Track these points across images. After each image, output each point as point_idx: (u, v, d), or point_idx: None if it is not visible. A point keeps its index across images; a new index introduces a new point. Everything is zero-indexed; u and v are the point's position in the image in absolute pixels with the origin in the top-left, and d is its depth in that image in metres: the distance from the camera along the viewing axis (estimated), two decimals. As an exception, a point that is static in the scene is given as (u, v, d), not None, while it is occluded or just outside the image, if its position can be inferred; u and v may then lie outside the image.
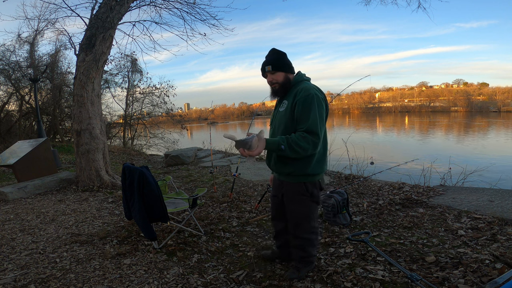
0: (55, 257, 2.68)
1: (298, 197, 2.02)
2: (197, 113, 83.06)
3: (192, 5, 6.09)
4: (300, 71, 2.07)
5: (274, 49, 2.05)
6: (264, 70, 2.02)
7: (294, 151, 1.78)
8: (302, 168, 1.93)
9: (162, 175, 6.30)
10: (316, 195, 2.03)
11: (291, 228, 2.13)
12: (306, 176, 1.96)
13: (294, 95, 1.90)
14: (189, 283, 2.18)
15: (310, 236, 2.11)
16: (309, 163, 1.93)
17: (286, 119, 1.93)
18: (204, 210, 3.81)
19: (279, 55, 2.02)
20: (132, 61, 13.72)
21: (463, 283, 1.91)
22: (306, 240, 2.11)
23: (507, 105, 50.93)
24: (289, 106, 1.92)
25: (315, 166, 1.95)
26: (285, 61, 2.01)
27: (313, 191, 2.00)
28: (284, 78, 1.99)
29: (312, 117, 1.80)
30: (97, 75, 5.36)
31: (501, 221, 2.81)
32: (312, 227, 2.09)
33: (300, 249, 2.14)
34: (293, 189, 2.02)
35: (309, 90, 1.85)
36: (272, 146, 1.80)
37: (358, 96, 78.17)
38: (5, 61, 11.61)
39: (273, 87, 2.03)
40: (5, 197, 4.78)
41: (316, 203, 2.05)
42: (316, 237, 2.14)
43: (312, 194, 2.01)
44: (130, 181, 2.61)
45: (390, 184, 4.57)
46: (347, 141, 6.10)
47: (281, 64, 1.99)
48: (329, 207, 3.11)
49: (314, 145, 1.81)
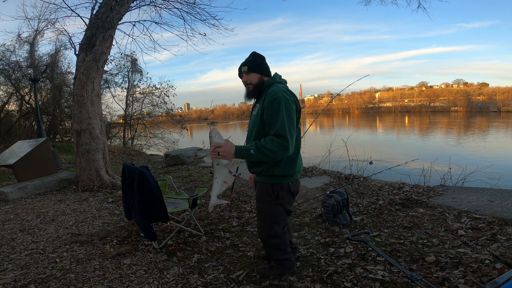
0: (55, 257, 2.68)
1: (264, 197, 2.00)
2: (197, 113, 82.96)
3: (192, 5, 6.10)
4: (277, 73, 2.07)
5: (254, 52, 2.08)
6: (240, 70, 2.04)
7: (265, 155, 1.76)
8: (270, 169, 1.91)
9: (162, 175, 6.30)
10: (282, 198, 1.95)
11: (257, 227, 2.16)
12: (274, 177, 1.93)
13: (264, 99, 1.90)
14: (189, 283, 2.18)
15: (272, 241, 2.07)
16: (278, 164, 1.90)
17: (258, 123, 1.92)
18: (204, 210, 3.81)
19: (257, 58, 2.04)
20: (132, 61, 13.73)
21: (463, 283, 1.91)
22: (267, 242, 2.10)
23: (507, 105, 50.88)
24: (260, 110, 1.92)
25: (285, 168, 1.91)
26: (261, 63, 2.01)
27: (279, 193, 1.95)
28: (258, 80, 1.98)
29: (280, 120, 1.76)
30: (97, 75, 5.36)
31: (501, 221, 2.81)
32: (274, 231, 2.02)
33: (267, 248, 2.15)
34: (261, 188, 2.01)
35: (277, 93, 1.82)
36: (241, 152, 1.80)
37: (358, 96, 78.17)
38: (5, 61, 11.63)
39: (247, 87, 2.02)
40: (5, 197, 4.78)
41: (281, 206, 1.98)
42: (280, 241, 2.07)
43: (277, 197, 1.95)
44: (130, 181, 2.61)
45: (390, 184, 4.57)
46: (347, 141, 6.10)
47: (257, 65, 1.99)
48: (329, 207, 3.11)
49: (283, 148, 1.76)
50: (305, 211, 3.61)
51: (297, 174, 2.00)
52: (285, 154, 1.80)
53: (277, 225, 2.02)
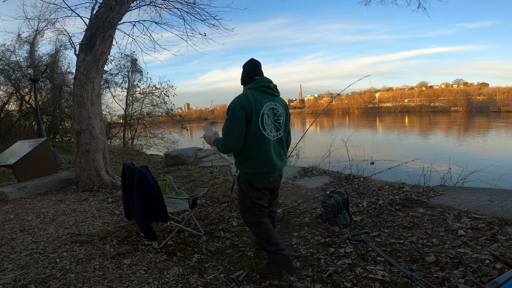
0: (55, 257, 2.68)
1: (238, 188, 2.32)
2: (197, 113, 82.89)
3: (192, 5, 6.10)
4: (257, 78, 2.22)
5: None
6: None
7: (219, 147, 2.19)
8: (237, 165, 2.24)
9: (162, 175, 6.30)
10: (246, 191, 2.19)
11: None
12: (240, 172, 2.24)
13: None
14: (189, 283, 2.18)
15: (251, 229, 2.31)
16: (241, 161, 2.18)
17: None
18: (204, 210, 3.81)
19: (242, 69, 2.30)
20: (132, 61, 13.73)
21: (463, 283, 1.91)
22: (250, 230, 2.41)
23: (507, 105, 50.87)
24: None
25: (246, 165, 2.17)
26: (241, 76, 2.29)
27: (241, 186, 2.23)
28: (243, 90, 2.26)
29: (224, 123, 2.10)
30: (97, 75, 5.36)
31: (501, 221, 2.81)
32: (248, 219, 2.24)
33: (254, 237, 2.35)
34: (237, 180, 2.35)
35: (232, 101, 2.10)
36: (215, 143, 2.25)
37: (358, 96, 78.14)
38: (5, 61, 11.62)
39: None
40: (5, 197, 4.78)
41: (247, 198, 2.19)
42: (259, 230, 2.20)
43: (241, 188, 2.24)
44: (130, 181, 2.61)
45: (390, 184, 4.57)
46: (347, 141, 6.10)
47: (241, 79, 2.31)
48: (329, 207, 3.11)
49: (223, 147, 2.13)
50: (305, 211, 3.61)
51: (261, 172, 2.15)
52: (224, 150, 2.16)
53: (250, 214, 2.21)
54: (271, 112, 2.15)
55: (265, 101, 2.12)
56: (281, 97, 2.31)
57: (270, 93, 2.19)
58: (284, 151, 2.31)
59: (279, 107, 2.21)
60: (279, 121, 2.20)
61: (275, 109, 2.18)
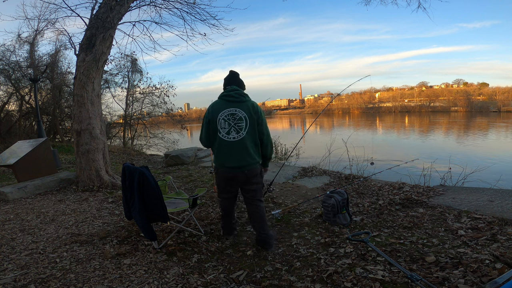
0: (55, 257, 2.68)
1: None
2: (197, 113, 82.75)
3: (192, 5, 6.09)
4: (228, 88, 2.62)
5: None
6: None
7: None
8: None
9: (162, 175, 6.30)
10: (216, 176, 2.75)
11: None
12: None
13: None
14: (189, 283, 2.18)
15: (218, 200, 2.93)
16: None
17: None
18: (204, 210, 3.81)
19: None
20: (132, 61, 13.71)
21: (463, 283, 1.91)
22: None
23: (507, 105, 50.84)
24: None
25: (214, 158, 2.69)
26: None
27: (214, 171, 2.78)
28: None
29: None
30: (97, 75, 5.36)
31: (501, 221, 2.81)
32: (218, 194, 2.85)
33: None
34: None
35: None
36: None
37: (358, 96, 78.11)
38: (5, 61, 11.63)
39: None
40: (5, 197, 4.78)
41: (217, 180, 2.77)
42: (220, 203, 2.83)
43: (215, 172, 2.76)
44: (130, 181, 2.60)
45: (390, 184, 4.57)
46: (347, 141, 6.10)
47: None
48: (329, 207, 3.11)
49: (201, 143, 2.75)
50: (305, 211, 3.61)
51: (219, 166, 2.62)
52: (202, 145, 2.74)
53: (218, 191, 2.81)
54: (230, 117, 2.49)
55: (223, 108, 2.50)
56: (248, 103, 2.55)
57: (231, 101, 2.52)
58: (249, 152, 2.52)
59: (239, 112, 2.49)
60: (239, 124, 2.49)
61: (235, 114, 2.49)
